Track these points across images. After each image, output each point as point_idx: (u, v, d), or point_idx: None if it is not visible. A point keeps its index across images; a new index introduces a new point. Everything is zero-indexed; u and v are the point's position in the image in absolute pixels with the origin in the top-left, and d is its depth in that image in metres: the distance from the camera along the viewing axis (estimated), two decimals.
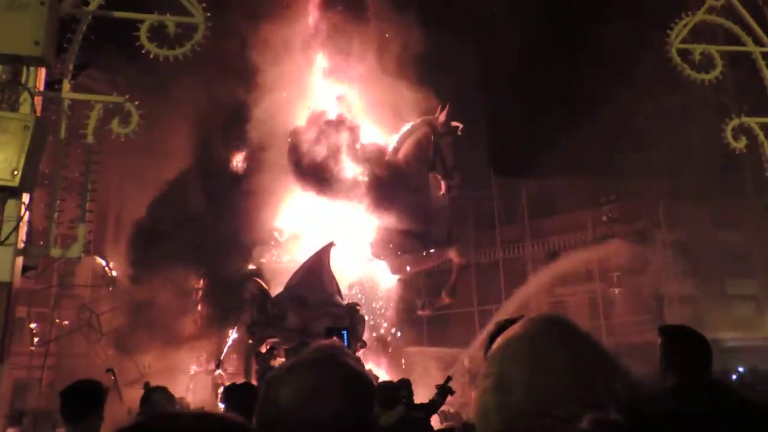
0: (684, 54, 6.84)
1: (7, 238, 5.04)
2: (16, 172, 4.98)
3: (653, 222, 25.27)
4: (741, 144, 6.65)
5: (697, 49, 6.68)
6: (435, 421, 7.19)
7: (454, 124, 15.77)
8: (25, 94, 5.50)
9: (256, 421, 1.24)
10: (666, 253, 24.76)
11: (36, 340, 17.04)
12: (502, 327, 1.68)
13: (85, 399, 3.14)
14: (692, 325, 3.07)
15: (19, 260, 5.24)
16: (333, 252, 14.47)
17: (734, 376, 17.66)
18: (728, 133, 6.69)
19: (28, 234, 5.57)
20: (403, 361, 16.25)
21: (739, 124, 6.66)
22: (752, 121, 6.58)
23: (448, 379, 7.42)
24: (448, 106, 15.79)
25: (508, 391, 0.76)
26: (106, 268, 17.27)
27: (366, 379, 1.29)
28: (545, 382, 0.74)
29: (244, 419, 1.01)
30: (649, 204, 24.93)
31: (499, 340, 0.84)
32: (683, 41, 6.75)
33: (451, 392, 7.02)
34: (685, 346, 2.80)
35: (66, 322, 17.61)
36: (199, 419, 0.96)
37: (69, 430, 3.09)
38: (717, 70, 6.69)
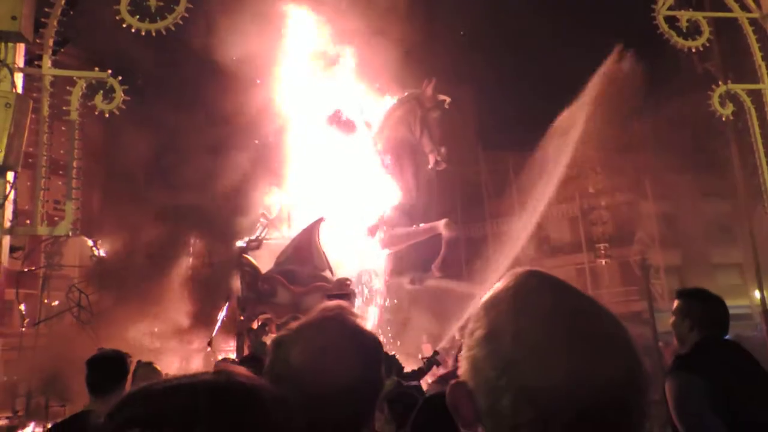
0: (671, 21, 6.83)
1: None
2: None
3: (639, 193, 25.49)
4: (728, 111, 6.68)
5: (684, 16, 6.67)
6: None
7: (441, 97, 15.70)
8: (5, 71, 5.39)
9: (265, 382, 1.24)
10: (652, 224, 25.05)
11: (26, 321, 16.96)
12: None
13: (116, 369, 3.15)
14: None
15: (6, 239, 5.19)
16: (322, 227, 14.46)
17: None
18: (715, 100, 6.72)
19: (14, 213, 5.51)
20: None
21: (726, 91, 6.68)
22: (738, 88, 6.61)
23: (435, 353, 7.58)
24: (434, 80, 15.68)
25: (496, 341, 0.76)
26: (93, 248, 17.14)
27: (374, 338, 1.30)
28: (530, 325, 0.74)
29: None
30: (635, 176, 25.10)
31: (484, 296, 0.85)
32: (670, 8, 6.73)
33: (437, 363, 7.15)
34: (707, 306, 2.96)
35: (55, 303, 17.52)
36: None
37: (97, 402, 3.02)
38: (704, 37, 6.69)
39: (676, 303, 3.03)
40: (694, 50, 6.97)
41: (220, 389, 0.92)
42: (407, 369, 8.09)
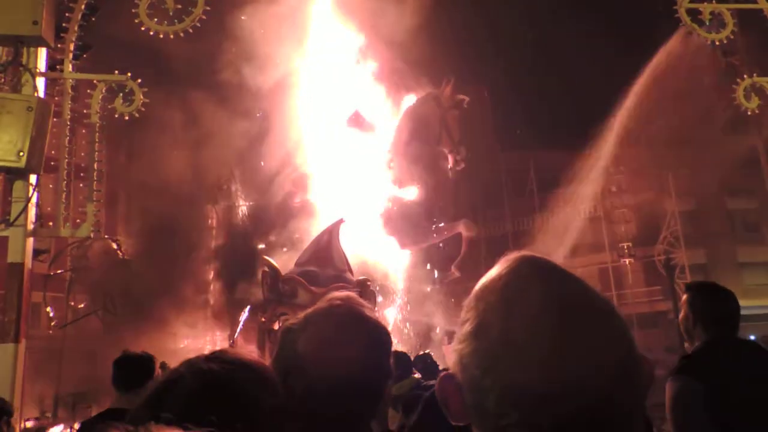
0: (693, 14, 6.69)
1: (16, 219, 5.07)
2: (21, 154, 4.99)
3: (662, 192, 25.08)
4: (753, 104, 6.53)
5: (707, 8, 6.53)
6: None
7: (460, 97, 15.63)
8: (27, 75, 5.48)
9: (274, 369, 1.23)
10: (676, 222, 24.62)
11: (53, 323, 17.28)
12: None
13: (142, 369, 3.34)
14: None
15: (30, 241, 5.28)
16: (342, 228, 14.48)
17: None
18: (740, 94, 6.57)
19: (38, 216, 5.60)
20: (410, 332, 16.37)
21: (751, 84, 6.53)
22: (764, 81, 6.46)
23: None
24: (453, 79, 15.63)
25: (483, 337, 0.73)
26: (118, 251, 17.39)
27: (382, 328, 1.29)
28: (519, 324, 0.70)
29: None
30: (658, 173, 24.71)
31: (476, 285, 0.81)
32: (692, 0, 6.60)
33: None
34: (713, 301, 2.78)
35: (81, 306, 17.83)
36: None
37: (121, 400, 3.24)
38: (728, 30, 6.54)
39: (683, 297, 2.90)
40: (717, 43, 6.81)
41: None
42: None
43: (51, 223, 5.68)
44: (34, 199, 5.29)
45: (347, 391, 1.19)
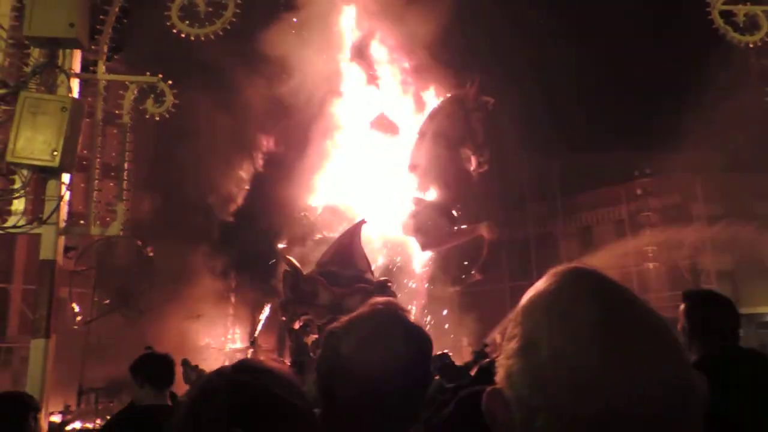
0: (727, 16, 6.57)
1: (49, 217, 5.16)
2: (55, 153, 5.08)
3: (689, 195, 24.66)
4: None
5: (741, 11, 6.40)
6: None
7: (485, 98, 15.57)
8: (62, 77, 5.58)
9: (317, 371, 1.25)
10: (702, 226, 24.19)
11: (78, 319, 17.57)
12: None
13: (167, 369, 3.53)
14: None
15: (62, 239, 5.37)
16: (364, 229, 14.51)
17: None
18: None
19: (69, 214, 5.70)
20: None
21: None
22: None
23: (485, 345, 7.48)
24: (478, 80, 15.57)
25: (532, 354, 0.71)
26: (143, 249, 17.63)
27: (423, 332, 1.29)
28: (572, 343, 0.68)
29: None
30: (686, 177, 24.30)
31: (524, 298, 0.79)
32: (726, 2, 6.48)
33: (485, 356, 7.04)
34: (714, 313, 2.65)
35: (106, 302, 18.11)
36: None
37: (153, 397, 3.38)
38: (762, 32, 6.41)
39: (681, 306, 2.75)
40: (751, 45, 6.67)
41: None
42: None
43: (82, 222, 5.77)
44: (66, 198, 5.38)
45: (389, 394, 1.20)
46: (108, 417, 15.10)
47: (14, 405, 2.86)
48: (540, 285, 0.77)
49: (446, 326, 18.02)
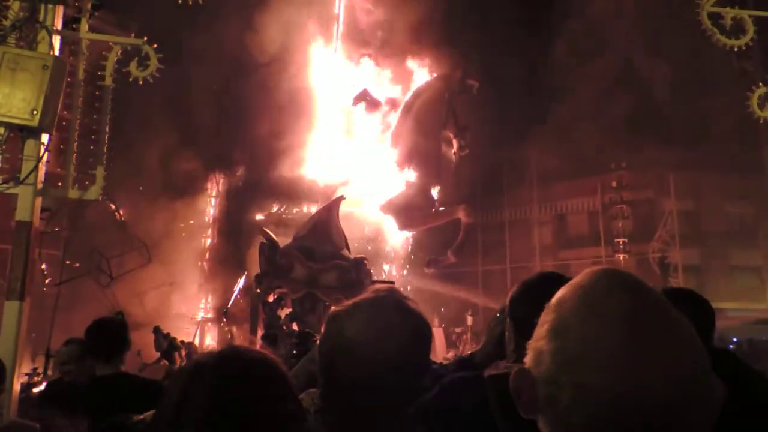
0: (715, 18, 6.64)
1: (26, 177, 5.05)
2: (35, 112, 4.95)
3: (662, 190, 25.15)
4: (767, 113, 6.52)
5: (729, 14, 6.47)
6: None
7: (470, 82, 15.57)
8: (43, 33, 5.41)
9: (318, 351, 1.28)
10: (673, 221, 24.73)
11: (47, 281, 17.28)
12: (525, 286, 1.69)
13: (116, 335, 3.16)
14: None
15: (38, 201, 5.27)
16: (342, 206, 14.51)
17: (731, 346, 17.82)
18: (754, 102, 6.55)
19: (46, 175, 5.58)
20: None
21: (766, 92, 6.52)
22: None
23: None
24: (464, 64, 15.54)
25: (563, 337, 0.77)
26: (116, 213, 17.35)
27: (424, 318, 1.33)
28: (602, 326, 0.74)
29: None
30: (659, 172, 24.74)
31: (557, 294, 0.83)
32: (715, 4, 6.55)
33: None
34: (689, 311, 2.70)
35: (76, 265, 17.83)
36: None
37: (100, 366, 3.07)
38: (748, 36, 6.50)
39: None
40: (736, 49, 6.77)
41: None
42: None
43: (60, 184, 5.67)
44: (44, 159, 5.27)
45: (390, 377, 1.23)
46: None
47: None
48: (574, 280, 0.84)
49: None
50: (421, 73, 16.64)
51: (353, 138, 15.95)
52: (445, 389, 1.62)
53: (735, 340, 19.11)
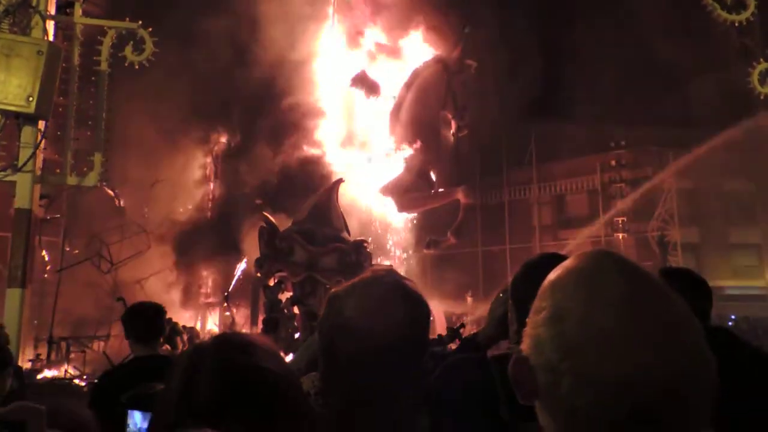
0: None
1: (24, 164, 5.04)
2: (31, 99, 4.92)
3: (661, 169, 25.10)
4: (767, 89, 6.50)
5: None
6: None
7: (468, 62, 15.43)
8: (37, 18, 5.36)
9: (318, 330, 1.29)
10: (672, 200, 24.75)
11: (48, 268, 17.31)
12: (528, 267, 1.69)
13: (159, 320, 3.36)
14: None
15: (37, 188, 5.26)
16: (342, 188, 14.48)
17: (729, 324, 17.94)
18: (754, 78, 6.53)
19: (44, 162, 5.56)
20: None
21: (766, 68, 6.49)
22: None
23: (462, 325, 7.55)
24: (462, 43, 15.39)
25: (561, 324, 0.76)
26: (115, 199, 17.30)
27: (420, 297, 1.34)
28: (600, 311, 0.74)
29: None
30: (659, 151, 24.69)
31: (549, 276, 0.83)
32: None
33: (460, 337, 7.11)
34: (686, 291, 2.70)
35: (76, 251, 17.84)
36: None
37: (140, 349, 3.25)
38: (748, 12, 6.46)
39: None
40: (736, 24, 6.73)
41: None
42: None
43: (58, 171, 5.66)
44: (42, 146, 5.25)
45: (389, 355, 1.24)
46: (76, 366, 15.09)
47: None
48: (567, 263, 0.83)
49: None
50: (420, 50, 16.47)
51: (352, 120, 15.85)
52: (447, 370, 1.63)
53: (733, 317, 19.24)
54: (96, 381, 3.36)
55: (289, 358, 2.63)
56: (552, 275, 0.83)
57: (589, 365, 0.72)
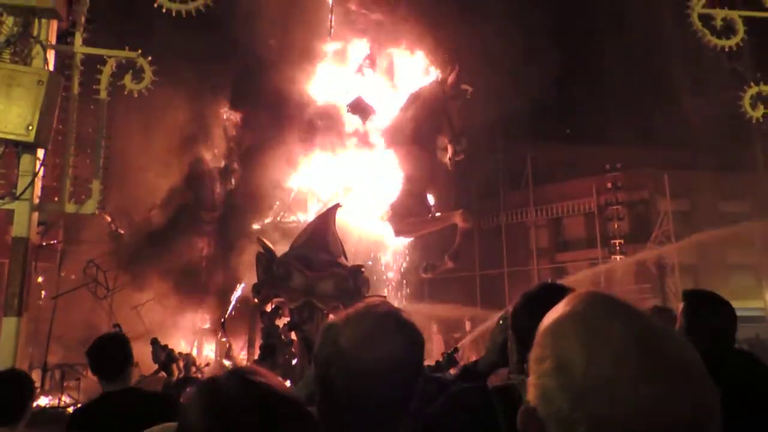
0: (705, 19, 6.71)
1: (23, 192, 5.05)
2: (30, 127, 4.96)
3: (657, 191, 25.24)
4: (758, 113, 6.58)
5: (719, 14, 6.55)
6: None
7: (464, 87, 15.59)
8: (38, 48, 5.43)
9: (314, 361, 1.30)
10: (668, 222, 24.83)
11: (43, 294, 17.21)
12: (527, 299, 1.71)
13: (119, 353, 3.06)
14: None
15: (35, 216, 5.27)
16: (339, 213, 14.50)
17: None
18: (746, 102, 6.61)
19: (42, 190, 5.58)
20: None
21: (757, 92, 6.58)
22: None
23: (455, 350, 7.52)
24: (457, 68, 15.57)
25: (567, 371, 0.77)
26: (112, 225, 17.30)
27: (417, 329, 1.37)
28: (601, 357, 0.75)
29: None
30: (654, 173, 24.85)
31: (545, 322, 0.84)
32: (705, 5, 6.62)
33: (455, 363, 7.07)
34: (711, 313, 2.67)
35: (72, 277, 17.76)
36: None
37: (106, 385, 3.01)
38: (738, 37, 6.57)
39: (680, 305, 2.76)
40: (726, 49, 6.84)
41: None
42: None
43: (56, 198, 5.67)
44: (40, 174, 5.27)
45: (385, 384, 1.27)
46: (71, 395, 14.90)
47: (24, 382, 2.89)
48: (561, 308, 0.84)
49: (417, 312, 18.16)
50: (417, 73, 16.65)
51: (349, 145, 15.94)
52: (450, 399, 1.64)
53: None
54: (68, 418, 3.17)
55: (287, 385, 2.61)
56: (547, 320, 0.84)
57: (601, 413, 0.73)
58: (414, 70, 16.54)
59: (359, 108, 16.25)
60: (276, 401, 0.96)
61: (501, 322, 1.97)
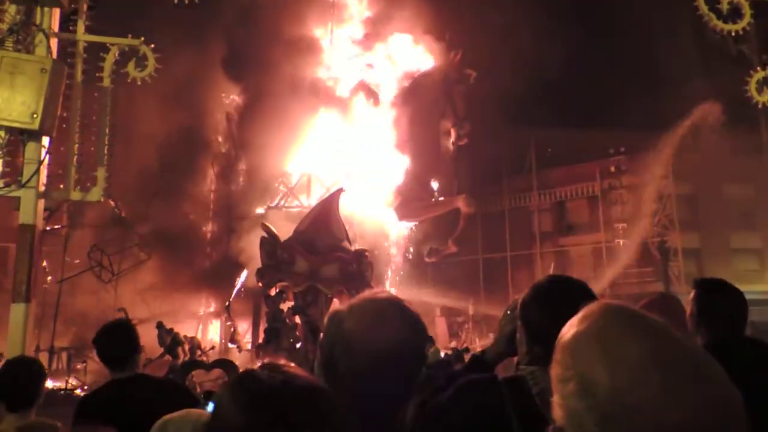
0: (711, 3, 6.64)
1: (28, 180, 5.08)
2: (35, 115, 4.96)
3: (661, 174, 25.13)
4: (764, 98, 6.54)
5: None
6: None
7: (468, 72, 15.52)
8: (40, 36, 5.41)
9: (320, 348, 1.34)
10: (672, 205, 24.77)
11: (49, 278, 17.33)
12: (537, 291, 1.72)
13: (126, 342, 3.03)
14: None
15: (41, 203, 5.30)
16: (342, 198, 14.51)
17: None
18: (752, 86, 6.57)
19: (47, 177, 5.60)
20: None
21: (763, 77, 6.53)
22: None
23: (466, 349, 7.58)
24: (461, 52, 15.49)
25: (593, 394, 0.78)
26: (116, 209, 17.34)
27: (418, 317, 1.41)
28: (624, 377, 0.76)
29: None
30: (658, 156, 24.71)
31: (563, 337, 0.85)
32: None
33: (463, 361, 7.14)
34: (722, 301, 2.66)
35: (77, 261, 17.86)
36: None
37: (114, 372, 2.98)
38: (744, 21, 6.51)
39: (691, 293, 2.73)
40: (733, 33, 6.78)
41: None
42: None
43: (61, 186, 5.69)
44: (46, 161, 5.29)
45: (388, 368, 1.30)
46: (78, 377, 15.06)
47: (35, 369, 2.93)
48: (577, 325, 0.85)
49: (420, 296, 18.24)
50: (421, 59, 16.56)
51: (352, 129, 15.91)
52: (459, 391, 1.66)
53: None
54: (77, 405, 3.12)
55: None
56: (566, 337, 0.85)
57: (636, 428, 0.74)
58: (417, 54, 16.44)
59: (363, 93, 16.19)
60: (319, 395, 0.98)
61: (509, 312, 1.99)
